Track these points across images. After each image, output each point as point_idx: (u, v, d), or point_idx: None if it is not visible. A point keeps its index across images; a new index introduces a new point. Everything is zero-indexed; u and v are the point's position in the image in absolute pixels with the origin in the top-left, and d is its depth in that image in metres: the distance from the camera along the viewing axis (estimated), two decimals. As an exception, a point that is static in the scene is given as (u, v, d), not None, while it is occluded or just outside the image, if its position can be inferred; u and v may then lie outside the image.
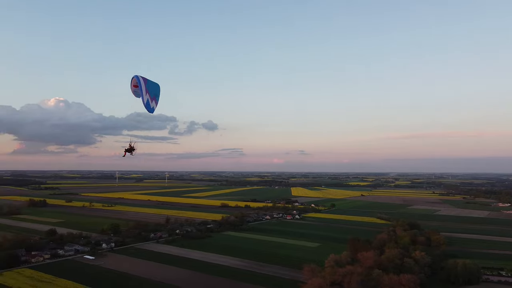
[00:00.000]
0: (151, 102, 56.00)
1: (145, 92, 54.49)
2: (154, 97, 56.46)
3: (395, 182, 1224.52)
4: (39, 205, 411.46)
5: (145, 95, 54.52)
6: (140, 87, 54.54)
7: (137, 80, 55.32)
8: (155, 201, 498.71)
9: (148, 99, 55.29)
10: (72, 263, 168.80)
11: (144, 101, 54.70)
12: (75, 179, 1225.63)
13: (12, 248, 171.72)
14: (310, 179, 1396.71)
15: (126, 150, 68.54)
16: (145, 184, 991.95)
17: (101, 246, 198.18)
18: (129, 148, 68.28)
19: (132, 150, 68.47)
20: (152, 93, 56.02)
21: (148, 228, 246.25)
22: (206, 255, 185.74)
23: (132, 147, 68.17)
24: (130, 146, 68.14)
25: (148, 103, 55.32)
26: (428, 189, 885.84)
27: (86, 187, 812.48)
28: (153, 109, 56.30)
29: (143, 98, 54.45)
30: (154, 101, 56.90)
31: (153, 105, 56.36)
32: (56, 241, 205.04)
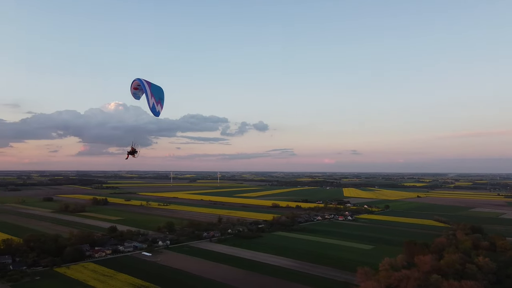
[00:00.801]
0: (157, 105, 55.35)
1: (150, 96, 53.98)
2: (159, 100, 55.87)
3: (454, 183, 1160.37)
4: (101, 203, 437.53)
5: (150, 99, 54.04)
6: (144, 90, 54.34)
7: (141, 83, 55.06)
8: (207, 201, 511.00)
9: (154, 102, 54.71)
10: (131, 259, 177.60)
11: (150, 105, 54.19)
12: (133, 179, 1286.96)
13: (78, 243, 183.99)
14: (362, 180, 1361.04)
15: (128, 153, 66.92)
16: (198, 184, 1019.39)
17: (158, 244, 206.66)
18: (132, 151, 66.76)
19: (134, 153, 66.94)
20: (157, 97, 55.47)
21: (201, 227, 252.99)
22: (257, 254, 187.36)
23: (135, 150, 66.69)
24: (132, 149, 66.66)
25: (154, 106, 54.77)
26: (492, 191, 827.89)
27: (143, 187, 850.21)
28: (158, 112, 55.63)
29: (148, 102, 54.06)
30: (160, 105, 56.15)
31: (158, 109, 55.73)
32: (116, 238, 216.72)
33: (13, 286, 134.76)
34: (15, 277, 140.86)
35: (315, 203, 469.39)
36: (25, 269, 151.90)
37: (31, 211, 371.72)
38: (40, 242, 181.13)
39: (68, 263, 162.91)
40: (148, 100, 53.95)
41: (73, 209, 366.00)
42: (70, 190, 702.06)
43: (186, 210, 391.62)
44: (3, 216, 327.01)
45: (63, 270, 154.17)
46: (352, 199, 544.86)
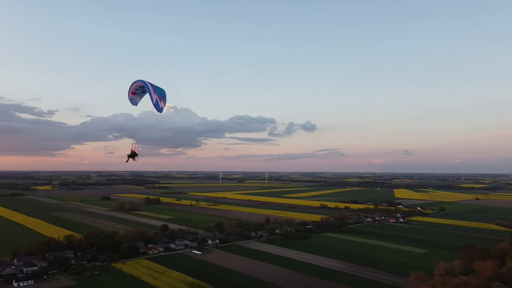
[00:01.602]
0: (160, 102, 56.17)
1: (153, 93, 55.14)
2: (162, 97, 56.75)
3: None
4: (154, 202, 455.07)
5: (153, 95, 55.14)
6: (147, 88, 55.31)
7: (144, 84, 55.90)
8: (255, 201, 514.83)
9: (157, 99, 55.68)
10: (182, 257, 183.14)
11: (153, 101, 55.20)
12: (183, 179, 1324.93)
13: (133, 241, 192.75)
14: (414, 180, 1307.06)
15: (129, 156, 65.32)
16: (246, 185, 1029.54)
17: (207, 242, 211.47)
18: (132, 153, 65.17)
19: (135, 155, 65.40)
20: (160, 94, 56.45)
21: (249, 227, 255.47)
22: (305, 255, 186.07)
23: (135, 152, 65.12)
24: (132, 151, 65.08)
25: (157, 103, 55.65)
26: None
27: (193, 187, 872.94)
28: (161, 108, 56.41)
29: (151, 98, 55.11)
30: (163, 101, 56.97)
31: (161, 105, 56.51)
32: (168, 236, 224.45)
33: (75, 279, 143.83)
34: (77, 271, 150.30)
35: (365, 204, 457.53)
36: (86, 263, 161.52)
37: (90, 209, 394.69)
38: (99, 238, 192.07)
39: (124, 259, 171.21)
40: (151, 96, 55.12)
41: (128, 208, 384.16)
42: (125, 190, 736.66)
43: (235, 210, 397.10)
44: (66, 214, 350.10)
45: (120, 266, 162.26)
46: (404, 201, 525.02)
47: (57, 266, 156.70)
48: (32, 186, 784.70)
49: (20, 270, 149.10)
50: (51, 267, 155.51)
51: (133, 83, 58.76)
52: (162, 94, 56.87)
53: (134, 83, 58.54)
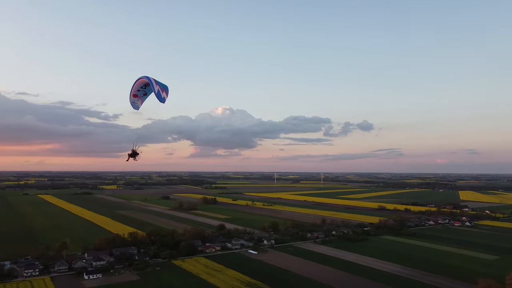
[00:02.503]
0: (162, 92, 55.49)
1: (155, 84, 54.87)
2: (164, 89, 56.19)
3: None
4: (211, 202, 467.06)
5: (155, 86, 54.78)
6: (149, 81, 55.04)
7: (147, 78, 55.65)
8: (310, 202, 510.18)
9: (159, 89, 55.12)
10: (238, 256, 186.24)
11: (155, 91, 54.66)
12: (239, 180, 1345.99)
13: (191, 239, 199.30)
14: (482, 182, 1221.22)
15: (129, 155, 64.18)
16: (301, 185, 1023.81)
17: (263, 242, 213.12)
18: (132, 153, 64.00)
19: (135, 155, 64.22)
20: (162, 86, 56.03)
21: (304, 228, 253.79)
22: (363, 258, 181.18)
23: (136, 152, 64.03)
24: (133, 151, 63.91)
25: (159, 93, 55.00)
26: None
27: (249, 187, 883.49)
28: (164, 99, 55.62)
29: (154, 88, 54.73)
30: (165, 92, 56.13)
31: (164, 95, 55.67)
32: (225, 235, 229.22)
33: (138, 274, 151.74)
34: (140, 267, 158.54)
35: (426, 206, 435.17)
36: (148, 259, 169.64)
37: (151, 207, 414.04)
38: (160, 236, 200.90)
39: (183, 257, 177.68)
40: (153, 87, 54.97)
41: (186, 207, 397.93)
42: (183, 190, 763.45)
43: (290, 211, 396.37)
44: (130, 212, 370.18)
45: (179, 263, 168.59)
46: (470, 203, 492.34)
47: (122, 261, 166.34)
48: (100, 186, 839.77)
49: (90, 264, 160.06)
50: (117, 262, 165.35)
51: (136, 81, 58.12)
52: (165, 87, 56.67)
53: (138, 80, 57.85)
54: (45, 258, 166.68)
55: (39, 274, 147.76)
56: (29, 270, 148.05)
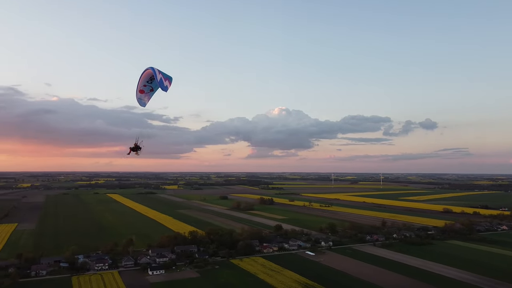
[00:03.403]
0: (165, 81, 53.64)
1: (157, 73, 53.20)
2: (167, 78, 54.34)
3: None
4: (267, 203, 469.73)
5: (158, 75, 53.03)
6: (153, 71, 53.63)
7: (151, 69, 54.06)
8: (369, 203, 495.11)
9: (162, 78, 53.31)
10: (296, 257, 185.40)
11: (157, 79, 52.94)
12: (296, 180, 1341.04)
13: (249, 239, 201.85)
14: None
15: (131, 149, 62.85)
16: (359, 186, 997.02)
17: (320, 244, 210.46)
18: (135, 147, 62.63)
19: (138, 149, 62.76)
20: (165, 76, 54.25)
21: (363, 230, 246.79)
22: (427, 263, 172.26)
23: (138, 146, 62.62)
24: (136, 145, 62.50)
25: (162, 81, 53.26)
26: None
27: (305, 188, 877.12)
28: (166, 87, 53.62)
29: (156, 77, 53.03)
30: (168, 81, 54.06)
31: (166, 84, 53.70)
32: (282, 236, 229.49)
33: (198, 272, 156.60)
34: (200, 264, 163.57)
35: (499, 210, 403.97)
36: (208, 258, 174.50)
37: (210, 207, 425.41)
38: (218, 235, 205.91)
39: (241, 256, 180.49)
40: (155, 76, 53.42)
41: (243, 207, 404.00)
42: (241, 190, 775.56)
43: (348, 212, 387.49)
44: (190, 211, 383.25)
45: (237, 262, 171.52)
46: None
47: (183, 258, 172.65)
48: (162, 186, 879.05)
49: (154, 260, 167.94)
50: (178, 259, 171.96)
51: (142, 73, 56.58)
52: (168, 77, 54.81)
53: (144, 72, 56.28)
54: (113, 253, 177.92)
55: (108, 268, 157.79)
56: (99, 264, 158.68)
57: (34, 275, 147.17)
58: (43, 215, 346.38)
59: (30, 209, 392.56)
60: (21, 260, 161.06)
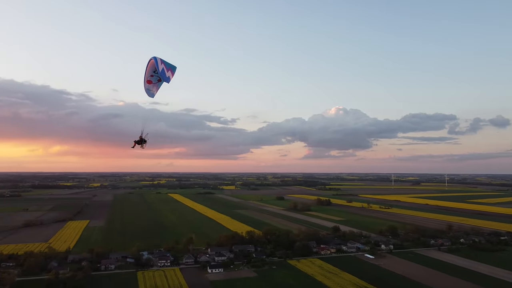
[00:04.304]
0: (167, 71, 52.27)
1: (160, 63, 51.55)
2: (170, 68, 52.78)
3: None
4: (325, 203, 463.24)
5: (160, 65, 51.44)
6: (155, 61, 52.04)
7: (154, 59, 52.70)
8: (433, 206, 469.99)
9: (164, 68, 51.80)
10: (354, 260, 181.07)
11: (159, 70, 51.33)
12: (353, 181, 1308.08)
13: (306, 240, 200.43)
14: None
15: (135, 142, 61.26)
16: (422, 187, 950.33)
17: (380, 247, 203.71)
18: (139, 140, 61.06)
19: (143, 142, 61.12)
20: (168, 66, 52.62)
21: (427, 233, 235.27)
22: (499, 271, 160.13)
23: (143, 139, 61.00)
24: (141, 138, 60.90)
25: (164, 71, 51.81)
26: None
27: (364, 189, 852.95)
28: (168, 78, 52.31)
29: (158, 68, 51.56)
30: (170, 71, 52.72)
31: (168, 75, 52.49)
32: (339, 237, 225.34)
33: (256, 271, 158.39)
34: (257, 264, 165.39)
35: None
36: (265, 258, 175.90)
37: (267, 207, 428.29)
38: (275, 235, 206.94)
39: (298, 257, 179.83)
40: (157, 66, 52.21)
41: (300, 208, 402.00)
42: (297, 191, 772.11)
43: (409, 214, 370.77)
44: (247, 211, 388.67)
45: (294, 263, 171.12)
46: None
47: (241, 258, 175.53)
48: (220, 186, 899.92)
49: (213, 259, 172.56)
50: (236, 258, 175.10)
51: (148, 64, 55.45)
52: (171, 66, 53.67)
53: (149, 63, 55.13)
54: (174, 251, 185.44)
55: (170, 265, 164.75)
56: (162, 261, 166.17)
57: (104, 269, 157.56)
58: (111, 213, 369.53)
59: (100, 207, 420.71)
60: (93, 255, 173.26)
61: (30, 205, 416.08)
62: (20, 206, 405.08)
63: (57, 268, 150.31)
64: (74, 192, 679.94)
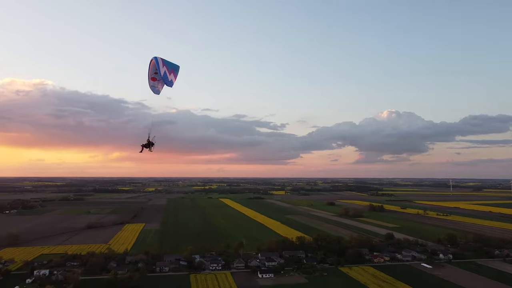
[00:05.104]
0: (169, 74, 50.22)
1: (162, 65, 49.35)
2: (172, 70, 50.60)
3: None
4: (377, 209, 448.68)
5: (162, 67, 49.29)
6: (156, 62, 49.92)
7: (154, 59, 50.72)
8: (497, 213, 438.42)
9: (166, 71, 49.68)
10: (410, 269, 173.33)
11: (161, 73, 49.33)
12: (408, 187, 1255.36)
13: (358, 247, 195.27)
14: None
15: (143, 146, 59.76)
16: (484, 194, 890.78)
17: (438, 256, 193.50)
18: (147, 143, 59.43)
19: (150, 145, 59.54)
20: (170, 67, 50.37)
21: (490, 243, 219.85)
22: None
23: (151, 142, 59.42)
24: (149, 141, 59.27)
25: (166, 75, 49.81)
26: None
27: (419, 195, 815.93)
28: (171, 82, 50.14)
29: (159, 71, 49.53)
30: (173, 74, 50.76)
31: (171, 78, 50.46)
32: (393, 245, 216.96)
33: (307, 278, 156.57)
34: (308, 270, 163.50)
35: None
36: (316, 264, 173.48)
37: (317, 213, 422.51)
38: (326, 242, 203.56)
39: (350, 264, 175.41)
40: (159, 69, 50.41)
41: (351, 214, 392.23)
42: (348, 196, 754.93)
43: (470, 223, 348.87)
44: (297, 217, 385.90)
45: (346, 270, 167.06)
46: None
47: (291, 263, 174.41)
48: (270, 191, 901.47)
49: (263, 264, 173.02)
50: (286, 264, 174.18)
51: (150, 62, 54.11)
52: (173, 67, 51.89)
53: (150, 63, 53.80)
54: (225, 255, 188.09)
55: (221, 269, 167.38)
56: (214, 264, 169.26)
57: (159, 270, 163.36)
58: (165, 216, 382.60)
59: (155, 210, 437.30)
60: (148, 257, 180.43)
61: (92, 208, 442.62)
62: (83, 209, 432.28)
63: (116, 268, 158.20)
64: (131, 196, 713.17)
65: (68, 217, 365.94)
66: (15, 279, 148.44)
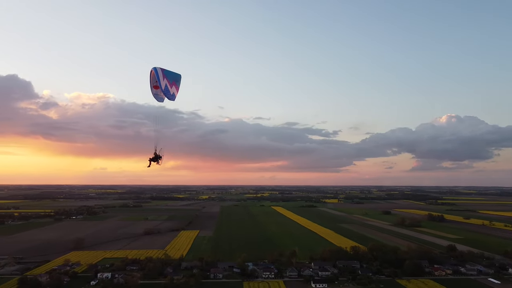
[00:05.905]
0: (170, 87, 48.17)
1: (162, 78, 47.05)
2: (174, 82, 48.34)
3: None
4: (437, 219, 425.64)
5: (162, 80, 47.09)
6: (156, 74, 47.51)
7: (154, 70, 48.40)
8: None
9: (167, 84, 47.54)
10: (475, 284, 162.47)
11: (162, 87, 47.07)
12: (471, 195, 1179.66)
13: (416, 258, 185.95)
14: None
15: (151, 160, 58.69)
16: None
17: (507, 271, 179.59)
18: (155, 157, 58.10)
19: (158, 159, 58.04)
20: (171, 79, 47.81)
21: None
22: None
23: (158, 155, 57.86)
24: (155, 154, 57.94)
25: (167, 89, 47.78)
26: None
27: (484, 204, 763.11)
28: (173, 95, 47.76)
29: (160, 85, 47.29)
30: (175, 86, 48.68)
31: (173, 91, 48.33)
32: (456, 258, 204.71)
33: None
34: (363, 281, 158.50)
35: None
36: (371, 275, 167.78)
37: (371, 222, 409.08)
38: (382, 252, 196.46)
39: (408, 277, 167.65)
40: (159, 82, 48.33)
41: (409, 223, 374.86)
42: (405, 205, 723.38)
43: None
44: (351, 226, 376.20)
45: (404, 283, 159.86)
46: None
47: (345, 274, 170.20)
48: (322, 199, 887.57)
49: (316, 273, 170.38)
50: (340, 274, 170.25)
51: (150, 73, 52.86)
52: (175, 78, 49.26)
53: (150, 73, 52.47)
54: (278, 263, 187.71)
55: (274, 277, 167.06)
56: (266, 273, 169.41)
57: (213, 277, 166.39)
58: (219, 223, 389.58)
59: (208, 218, 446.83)
60: (202, 263, 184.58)
61: (149, 215, 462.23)
62: (142, 216, 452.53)
63: (172, 274, 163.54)
64: (186, 204, 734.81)
65: (128, 223, 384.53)
66: (81, 280, 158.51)
